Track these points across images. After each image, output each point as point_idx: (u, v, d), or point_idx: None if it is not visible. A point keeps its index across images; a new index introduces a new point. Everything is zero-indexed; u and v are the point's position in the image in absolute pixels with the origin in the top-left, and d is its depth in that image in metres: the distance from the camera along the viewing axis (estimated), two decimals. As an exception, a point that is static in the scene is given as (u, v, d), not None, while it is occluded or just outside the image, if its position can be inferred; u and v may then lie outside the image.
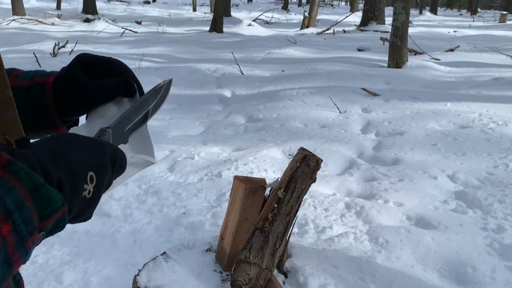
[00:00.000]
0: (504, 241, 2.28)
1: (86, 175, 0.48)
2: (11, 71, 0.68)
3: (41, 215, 0.39)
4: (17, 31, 12.99)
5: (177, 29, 15.33)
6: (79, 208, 0.47)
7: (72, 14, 18.32)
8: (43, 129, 0.68)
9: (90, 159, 0.49)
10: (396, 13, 7.28)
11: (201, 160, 3.55)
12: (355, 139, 3.97)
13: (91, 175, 0.48)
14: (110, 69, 0.68)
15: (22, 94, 0.65)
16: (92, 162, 0.49)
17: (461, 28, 15.19)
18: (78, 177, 0.46)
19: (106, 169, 0.51)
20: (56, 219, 0.41)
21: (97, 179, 0.49)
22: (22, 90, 0.66)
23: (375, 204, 2.69)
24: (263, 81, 6.60)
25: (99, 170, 0.50)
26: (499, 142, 3.67)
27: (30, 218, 0.38)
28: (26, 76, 0.68)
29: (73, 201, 0.46)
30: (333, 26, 13.73)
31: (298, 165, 1.72)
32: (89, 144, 0.51)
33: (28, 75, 0.68)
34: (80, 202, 0.47)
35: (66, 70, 0.67)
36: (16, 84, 0.66)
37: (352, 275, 2.00)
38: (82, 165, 0.47)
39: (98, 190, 0.50)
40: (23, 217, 0.37)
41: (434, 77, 6.42)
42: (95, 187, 0.49)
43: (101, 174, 0.50)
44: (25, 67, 5.92)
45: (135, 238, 2.48)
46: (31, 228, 0.38)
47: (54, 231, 0.43)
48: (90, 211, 0.50)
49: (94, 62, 0.68)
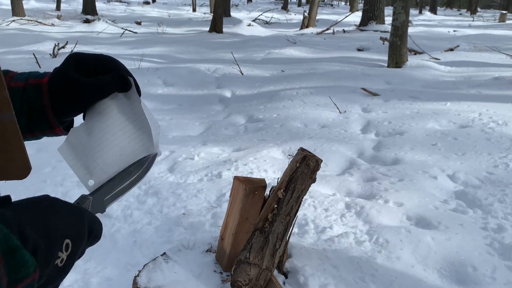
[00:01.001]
0: (504, 240, 2.28)
1: (63, 243, 0.47)
2: (5, 73, 0.68)
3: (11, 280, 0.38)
4: (17, 32, 12.99)
5: (176, 30, 15.33)
6: (49, 276, 0.46)
7: (71, 14, 18.32)
8: (39, 130, 0.68)
9: (68, 226, 0.48)
10: (395, 12, 7.28)
11: (201, 160, 3.55)
12: (355, 139, 3.97)
13: (67, 242, 0.47)
14: (103, 65, 0.68)
15: (17, 95, 0.65)
16: (70, 230, 0.48)
17: (461, 28, 15.19)
18: (55, 243, 0.45)
19: (82, 238, 0.51)
20: (26, 285, 0.40)
21: (72, 247, 0.48)
22: (17, 91, 0.65)
23: (375, 204, 2.69)
24: (263, 81, 6.60)
25: (76, 239, 0.49)
26: (499, 141, 3.67)
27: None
28: (20, 77, 0.67)
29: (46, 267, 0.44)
30: (333, 26, 13.73)
31: (298, 166, 1.72)
32: (69, 211, 0.50)
33: (22, 76, 0.68)
34: (51, 269, 0.45)
35: (59, 70, 0.67)
36: (11, 85, 0.66)
37: (352, 275, 2.00)
38: (60, 231, 0.46)
39: (71, 259, 0.49)
40: None
41: (434, 77, 6.42)
42: (68, 256, 0.48)
43: (77, 243, 0.49)
44: (25, 68, 5.90)
45: (135, 238, 2.48)
46: None
47: None
48: (59, 281, 0.49)
49: (86, 60, 0.68)
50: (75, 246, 0.49)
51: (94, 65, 0.68)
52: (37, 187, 3.03)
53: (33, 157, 0.55)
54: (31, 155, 0.55)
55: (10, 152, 0.51)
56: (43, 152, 3.57)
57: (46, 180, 3.15)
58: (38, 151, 3.64)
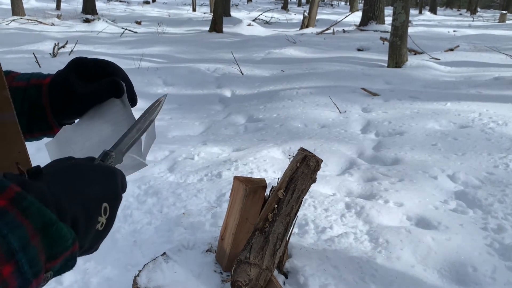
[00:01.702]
0: (504, 241, 2.28)
1: (101, 207, 0.46)
2: (8, 73, 0.68)
3: (49, 255, 0.37)
4: (17, 31, 12.98)
5: (176, 29, 15.32)
6: (91, 242, 0.46)
7: (71, 14, 18.31)
8: (39, 131, 0.69)
9: (104, 189, 0.48)
10: (396, 12, 7.28)
11: (201, 160, 3.54)
12: (355, 139, 3.97)
13: (105, 206, 0.47)
14: (103, 70, 0.69)
15: (18, 95, 0.66)
16: (106, 193, 0.48)
17: (461, 28, 15.19)
18: (93, 210, 0.45)
19: (118, 197, 0.51)
20: (65, 258, 0.39)
21: (111, 209, 0.48)
22: (18, 91, 0.66)
23: (375, 204, 2.69)
24: (263, 81, 6.60)
25: (113, 200, 0.49)
26: (499, 141, 3.67)
27: (36, 259, 0.35)
28: (22, 78, 0.68)
29: (87, 235, 0.44)
30: (333, 26, 13.72)
31: (298, 166, 1.72)
32: (103, 174, 0.50)
33: (25, 77, 0.69)
34: (93, 235, 0.45)
35: (60, 74, 0.68)
36: (13, 85, 0.66)
37: (353, 275, 2.00)
38: (96, 197, 0.46)
39: (111, 220, 0.49)
40: (28, 258, 0.34)
41: (434, 77, 6.42)
42: (108, 219, 0.48)
43: (114, 204, 0.49)
44: (25, 67, 5.89)
45: (135, 238, 2.47)
46: (37, 270, 0.35)
47: (63, 270, 0.41)
48: (99, 243, 0.49)
49: (86, 64, 0.69)
50: (113, 207, 0.49)
51: (94, 69, 0.69)
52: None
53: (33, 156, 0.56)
54: (31, 154, 0.55)
55: (11, 151, 0.51)
56: (43, 151, 3.54)
57: (46, 180, 3.14)
58: (38, 150, 3.63)
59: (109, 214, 0.48)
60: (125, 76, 0.70)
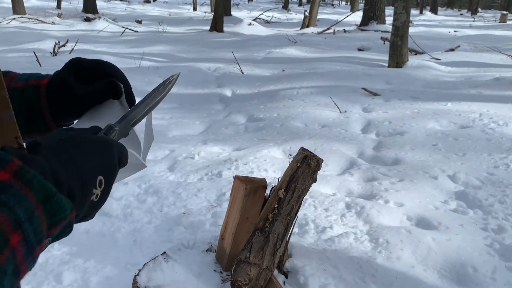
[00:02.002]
0: (504, 241, 2.28)
1: (96, 180, 0.48)
2: (6, 73, 0.68)
3: (50, 224, 0.40)
4: (18, 30, 12.98)
5: (177, 29, 15.32)
6: (86, 211, 0.48)
7: (72, 13, 18.31)
8: (37, 131, 0.69)
9: (100, 162, 0.50)
10: (396, 12, 7.27)
11: (201, 159, 3.54)
12: (356, 139, 3.96)
13: (100, 179, 0.49)
14: (101, 71, 0.69)
15: (16, 95, 0.66)
16: (102, 166, 0.50)
17: (462, 28, 15.17)
18: (88, 183, 0.47)
19: (114, 171, 0.52)
20: (63, 226, 0.42)
21: (106, 182, 0.50)
22: (16, 91, 0.66)
23: (376, 204, 2.69)
24: (263, 81, 6.59)
25: (108, 173, 0.51)
26: (499, 142, 3.66)
27: (40, 228, 0.38)
28: (21, 78, 0.69)
29: (82, 206, 0.46)
30: (334, 25, 13.71)
31: (298, 165, 1.72)
32: (99, 146, 0.51)
33: (23, 77, 0.69)
34: (87, 205, 0.48)
35: (58, 74, 0.68)
36: (11, 86, 0.67)
37: (353, 275, 2.00)
38: (92, 170, 0.48)
39: (106, 192, 0.51)
40: (33, 227, 0.37)
41: (434, 77, 6.41)
42: (103, 190, 0.50)
43: (109, 177, 0.51)
44: (26, 66, 5.88)
45: (135, 237, 2.47)
46: (40, 237, 0.38)
47: (60, 236, 0.43)
48: (95, 212, 0.51)
49: (83, 65, 0.69)
50: (108, 180, 0.51)
51: (91, 71, 0.69)
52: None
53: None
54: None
55: None
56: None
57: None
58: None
59: (104, 186, 0.50)
60: (123, 77, 0.71)
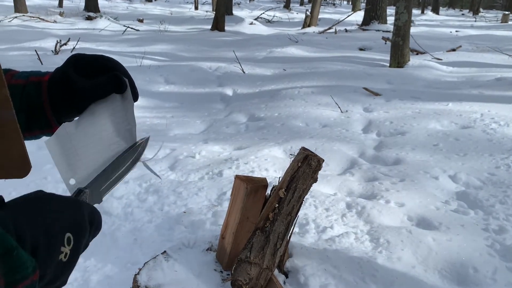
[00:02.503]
0: (505, 242, 2.28)
1: (64, 237, 0.46)
2: (7, 71, 0.68)
3: (8, 281, 0.37)
4: (19, 28, 12.99)
5: (178, 28, 15.32)
6: (54, 273, 0.45)
7: (74, 11, 18.32)
8: (38, 129, 0.68)
9: (68, 220, 0.47)
10: (398, 12, 7.26)
11: (202, 158, 3.54)
12: (357, 139, 3.96)
13: (68, 236, 0.46)
14: (102, 66, 0.68)
15: (17, 93, 0.65)
16: (70, 223, 0.47)
17: (463, 28, 15.15)
18: (55, 239, 0.44)
19: (84, 230, 0.50)
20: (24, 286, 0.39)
21: (75, 241, 0.47)
22: (17, 88, 0.66)
23: (376, 204, 2.68)
24: (264, 80, 6.59)
25: (77, 232, 0.48)
26: (500, 142, 3.66)
27: None
28: (21, 75, 0.68)
29: (49, 265, 0.43)
30: (335, 25, 13.70)
31: (299, 165, 1.71)
32: (67, 204, 0.49)
33: (23, 74, 0.68)
34: (55, 266, 0.45)
35: (59, 70, 0.67)
36: (12, 83, 0.66)
37: (353, 275, 2.00)
38: (59, 226, 0.45)
39: (75, 252, 0.48)
40: None
41: (436, 77, 6.40)
42: (72, 250, 0.47)
43: (79, 236, 0.48)
44: (27, 64, 5.87)
45: (136, 236, 2.48)
46: None
47: None
48: (65, 276, 0.48)
49: (85, 60, 0.68)
50: (78, 239, 0.48)
51: (93, 65, 0.68)
52: (38, 184, 3.03)
53: (33, 154, 0.56)
54: (31, 152, 0.54)
55: (10, 150, 0.51)
56: (44, 149, 3.55)
57: (47, 177, 3.15)
58: (39, 148, 3.63)
59: (74, 245, 0.47)
60: (125, 72, 0.69)
